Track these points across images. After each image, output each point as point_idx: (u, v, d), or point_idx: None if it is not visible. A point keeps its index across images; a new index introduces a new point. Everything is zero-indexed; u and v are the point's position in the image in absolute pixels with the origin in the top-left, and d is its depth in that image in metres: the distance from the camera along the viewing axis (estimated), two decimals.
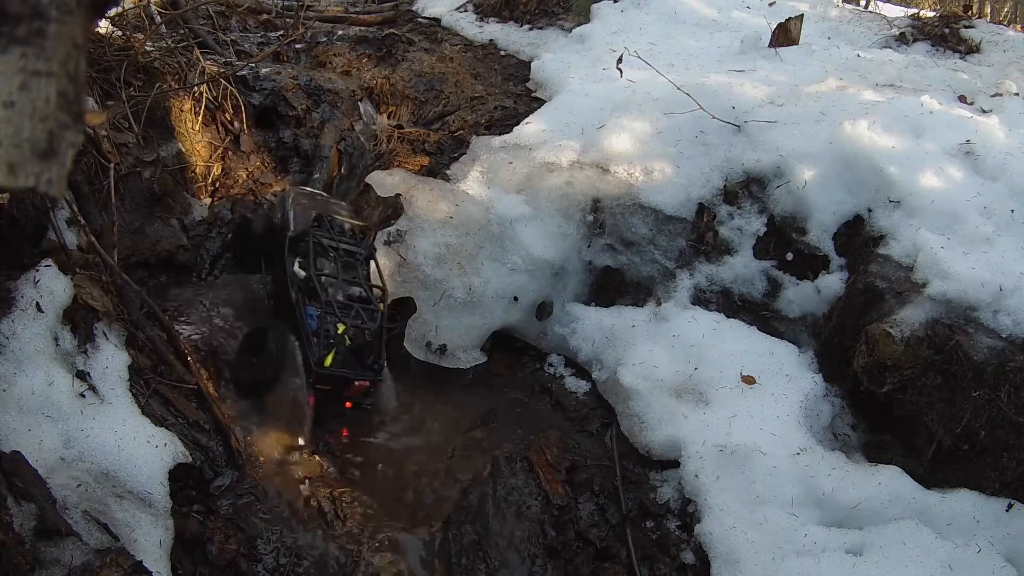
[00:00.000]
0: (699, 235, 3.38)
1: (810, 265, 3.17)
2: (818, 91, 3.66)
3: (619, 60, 3.86)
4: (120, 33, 3.66)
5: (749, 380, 2.87)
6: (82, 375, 2.27)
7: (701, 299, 3.29)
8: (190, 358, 2.67)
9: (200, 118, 3.80)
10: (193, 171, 3.69)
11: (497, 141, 3.88)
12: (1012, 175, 3.02)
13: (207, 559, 2.22)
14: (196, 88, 3.79)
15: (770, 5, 5.30)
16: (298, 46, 5.14)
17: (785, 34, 4.46)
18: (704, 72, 4.13)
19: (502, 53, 5.34)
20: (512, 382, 3.37)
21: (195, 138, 3.76)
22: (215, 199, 3.82)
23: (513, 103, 4.54)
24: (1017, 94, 3.92)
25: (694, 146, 3.55)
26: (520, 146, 3.77)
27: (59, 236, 2.52)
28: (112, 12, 3.52)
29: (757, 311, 3.22)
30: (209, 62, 4.01)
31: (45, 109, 0.67)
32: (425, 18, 5.94)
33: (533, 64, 4.93)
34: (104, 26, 3.64)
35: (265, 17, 5.67)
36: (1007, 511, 2.39)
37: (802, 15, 4.59)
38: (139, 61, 3.55)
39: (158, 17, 4.26)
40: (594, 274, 3.52)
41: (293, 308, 2.92)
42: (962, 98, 3.90)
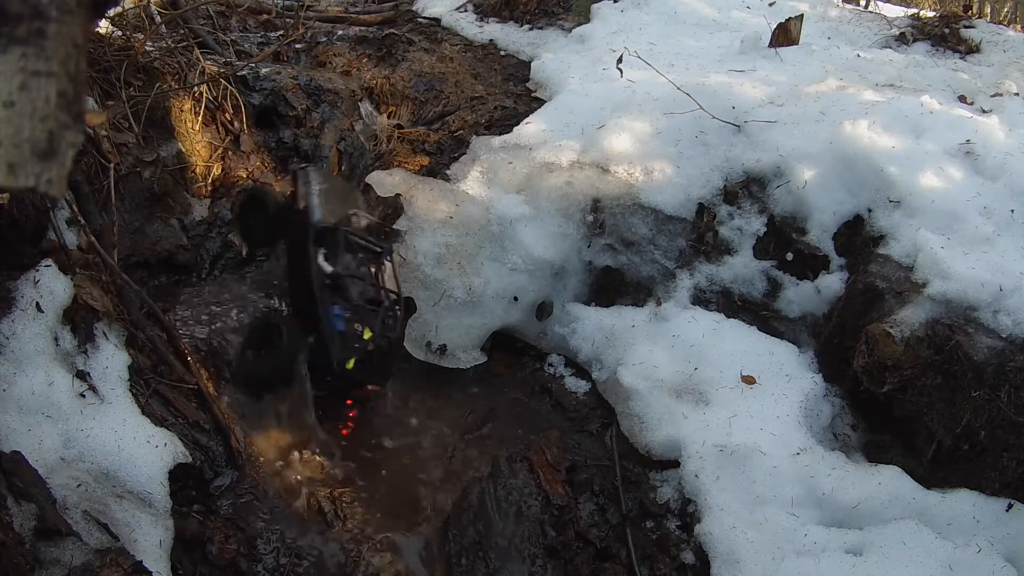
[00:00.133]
0: (699, 235, 3.38)
1: (810, 265, 3.17)
2: (818, 91, 3.66)
3: (619, 60, 3.86)
4: (120, 33, 3.66)
5: (749, 380, 2.87)
6: (82, 375, 2.26)
7: (701, 299, 3.29)
8: (190, 358, 2.66)
9: (200, 118, 3.80)
10: (193, 171, 3.69)
11: (497, 141, 3.88)
12: (1012, 175, 3.02)
13: (207, 559, 2.22)
14: (196, 88, 3.78)
15: (770, 5, 5.29)
16: (298, 46, 5.13)
17: (785, 34, 4.46)
18: (704, 72, 4.13)
19: (502, 53, 5.33)
20: (512, 382, 3.37)
21: (195, 138, 3.76)
22: (215, 199, 3.81)
23: (513, 103, 4.54)
24: (1017, 94, 3.92)
25: (694, 146, 3.55)
26: (520, 146, 3.77)
27: (59, 236, 2.52)
28: (112, 12, 3.52)
29: (757, 311, 3.22)
30: (209, 62, 4.01)
31: (45, 109, 0.67)
32: (425, 18, 5.93)
33: (533, 64, 4.93)
34: (104, 26, 3.63)
35: (265, 17, 5.66)
36: (1007, 511, 2.39)
37: (802, 15, 4.58)
38: (139, 61, 3.55)
39: (158, 17, 4.26)
40: (594, 274, 3.52)
41: (310, 300, 2.82)
42: (962, 98, 3.90)
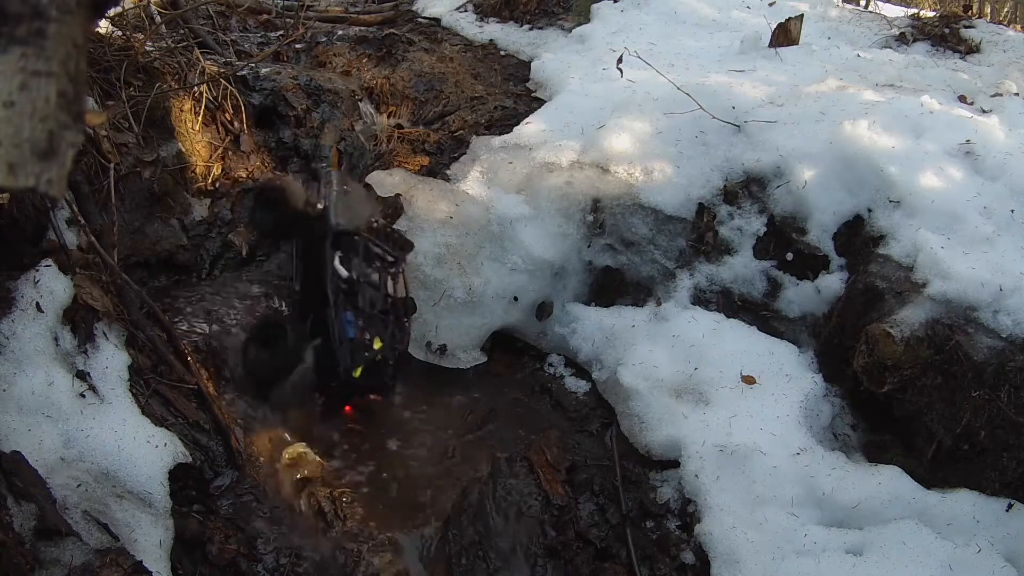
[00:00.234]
0: (699, 235, 3.38)
1: (810, 265, 3.17)
2: (818, 91, 3.66)
3: (619, 60, 3.86)
4: (120, 33, 3.66)
5: (749, 380, 2.87)
6: (82, 375, 2.26)
7: (701, 299, 3.29)
8: (190, 358, 2.66)
9: (200, 118, 3.80)
10: (193, 171, 3.69)
11: (497, 141, 3.88)
12: (1012, 175, 3.02)
13: (207, 559, 2.22)
14: (196, 88, 3.78)
15: (770, 5, 5.30)
16: (298, 46, 5.13)
17: (785, 34, 4.46)
18: (704, 72, 4.13)
19: (502, 53, 5.33)
20: (512, 382, 3.37)
21: (195, 138, 3.76)
22: (215, 199, 3.81)
23: (513, 103, 4.54)
24: (1017, 94, 3.92)
25: (694, 146, 3.55)
26: (520, 146, 3.77)
27: (59, 236, 2.52)
28: (112, 12, 3.52)
29: (757, 311, 3.22)
30: (209, 62, 4.01)
31: (45, 109, 0.67)
32: (425, 18, 5.93)
33: (533, 64, 4.93)
34: (104, 26, 3.63)
35: (265, 17, 5.66)
36: (1007, 511, 2.39)
37: (802, 15, 4.59)
38: (139, 61, 3.54)
39: (158, 17, 4.26)
40: (594, 274, 3.52)
41: (322, 303, 2.80)
42: (962, 98, 3.90)
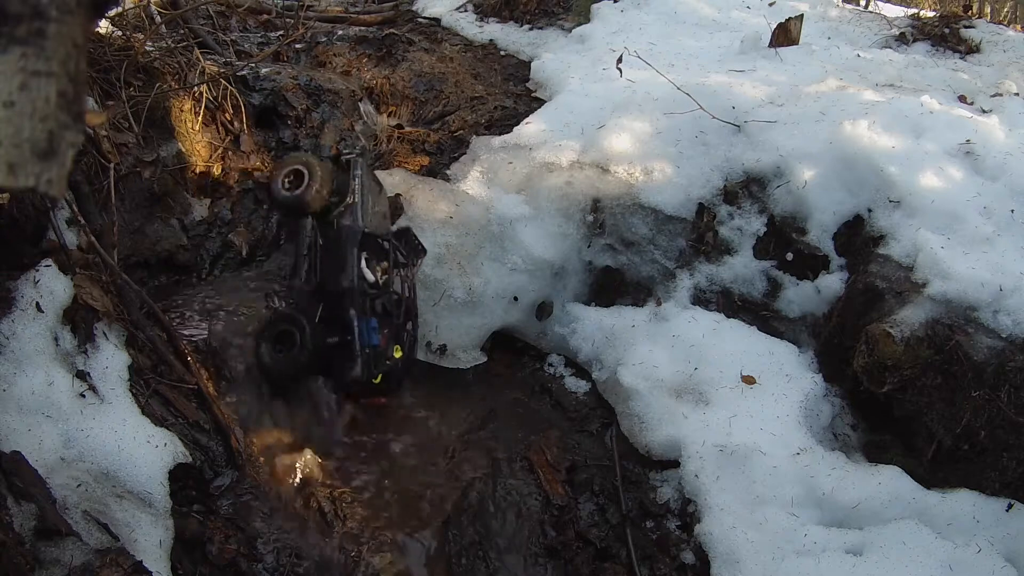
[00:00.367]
0: (699, 235, 3.38)
1: (810, 265, 3.17)
2: (818, 91, 3.66)
3: (619, 60, 3.86)
4: (120, 33, 3.66)
5: (749, 380, 2.87)
6: (82, 375, 2.26)
7: (701, 299, 3.29)
8: (190, 358, 2.66)
9: (200, 118, 3.80)
10: (193, 171, 3.69)
11: (497, 141, 3.88)
12: (1012, 175, 3.02)
13: (207, 559, 2.22)
14: (196, 88, 3.78)
15: (770, 5, 5.29)
16: (298, 46, 5.13)
17: (785, 34, 4.46)
18: (704, 72, 4.13)
19: (502, 53, 5.33)
20: (512, 382, 3.37)
21: (195, 138, 3.76)
22: (215, 199, 3.81)
23: (513, 103, 4.54)
24: (1017, 94, 3.92)
25: (694, 146, 3.55)
26: (520, 146, 3.77)
27: (59, 236, 2.52)
28: (112, 12, 3.52)
29: (757, 311, 3.22)
30: (209, 62, 4.01)
31: (45, 109, 0.67)
32: (425, 18, 5.93)
33: (533, 64, 4.92)
34: (104, 26, 3.63)
35: (265, 17, 5.66)
36: (1007, 511, 2.39)
37: (802, 15, 4.58)
38: (139, 61, 3.55)
39: (158, 17, 4.26)
40: (594, 274, 3.52)
41: (338, 303, 2.79)
42: (962, 98, 3.90)
